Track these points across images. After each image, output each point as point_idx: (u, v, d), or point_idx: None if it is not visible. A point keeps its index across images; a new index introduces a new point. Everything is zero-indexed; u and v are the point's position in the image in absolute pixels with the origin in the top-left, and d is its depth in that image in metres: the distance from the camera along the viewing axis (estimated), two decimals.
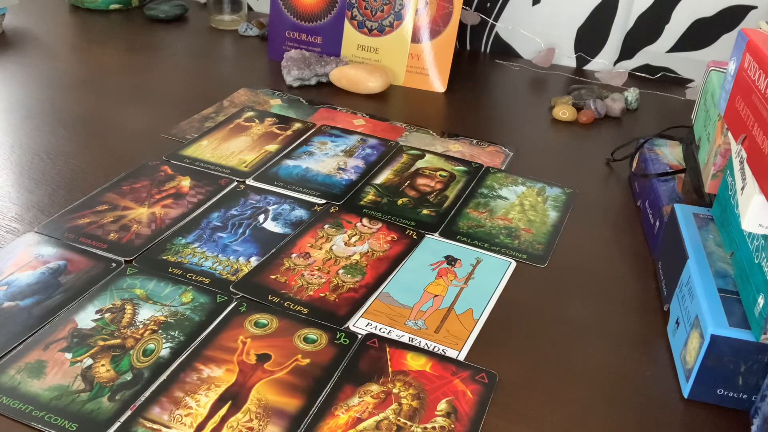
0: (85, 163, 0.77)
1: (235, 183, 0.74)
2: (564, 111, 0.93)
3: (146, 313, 0.57)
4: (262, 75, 1.02)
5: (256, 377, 0.51)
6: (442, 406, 0.50)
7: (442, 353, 0.55)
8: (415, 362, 0.54)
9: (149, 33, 1.15)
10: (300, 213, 0.70)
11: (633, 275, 0.66)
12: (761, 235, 0.50)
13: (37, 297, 0.57)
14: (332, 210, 0.71)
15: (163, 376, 0.51)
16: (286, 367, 0.52)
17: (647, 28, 1.05)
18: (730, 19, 1.01)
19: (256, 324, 0.56)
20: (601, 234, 0.71)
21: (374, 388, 0.51)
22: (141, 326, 0.55)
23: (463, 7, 1.00)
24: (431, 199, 0.74)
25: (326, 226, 0.68)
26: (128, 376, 0.51)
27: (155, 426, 0.47)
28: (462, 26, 1.12)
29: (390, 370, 0.53)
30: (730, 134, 0.58)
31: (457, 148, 0.85)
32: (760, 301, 0.48)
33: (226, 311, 0.57)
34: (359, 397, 0.50)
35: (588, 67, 1.10)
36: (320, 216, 0.70)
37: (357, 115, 0.91)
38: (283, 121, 0.88)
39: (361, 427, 0.48)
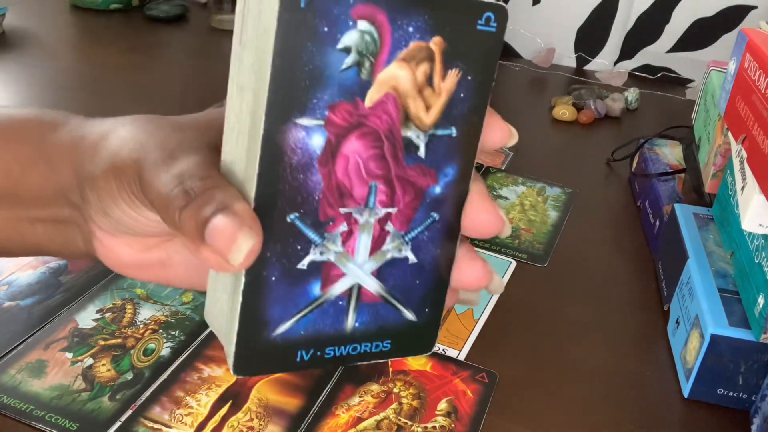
0: None
1: None
2: (564, 111, 0.93)
3: (147, 312, 0.57)
4: None
5: (257, 377, 0.51)
6: (443, 405, 0.50)
7: (443, 353, 0.55)
8: (415, 362, 0.54)
9: (149, 33, 1.15)
10: None
11: (633, 275, 0.66)
12: (761, 235, 0.50)
13: (38, 296, 0.57)
14: None
15: (164, 376, 0.51)
16: None
17: (647, 28, 1.05)
18: (730, 19, 1.01)
19: None
20: (601, 234, 0.72)
21: (374, 387, 0.51)
22: (141, 326, 0.55)
23: None
24: None
25: None
26: (129, 376, 0.51)
27: (156, 425, 0.47)
28: None
29: (390, 369, 0.53)
30: (730, 134, 0.58)
31: None
32: (760, 300, 0.48)
33: None
34: (359, 397, 0.50)
35: (588, 67, 1.10)
36: None
37: None
38: None
39: (361, 426, 0.48)
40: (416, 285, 0.30)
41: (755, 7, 0.99)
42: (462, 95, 0.28)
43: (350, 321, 0.29)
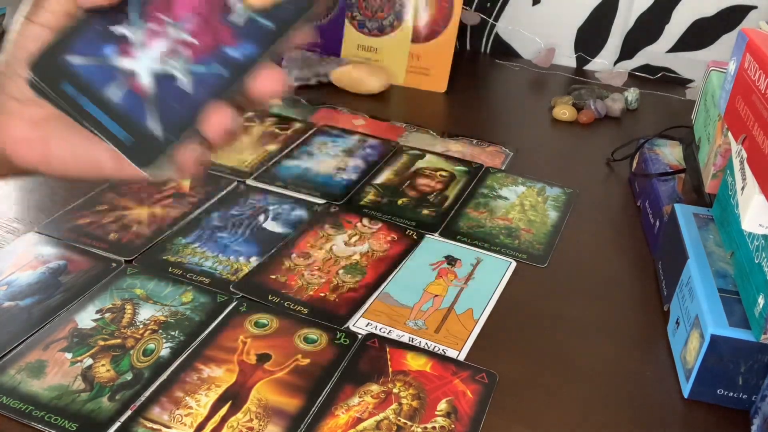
0: None
1: (236, 183, 0.74)
2: (564, 111, 0.93)
3: (146, 313, 0.57)
4: None
5: (257, 377, 0.51)
6: (442, 406, 0.50)
7: (442, 353, 0.55)
8: (415, 362, 0.54)
9: None
10: (300, 213, 0.70)
11: (633, 275, 0.66)
12: (761, 235, 0.50)
13: (38, 297, 0.57)
14: (332, 210, 0.71)
15: (164, 376, 0.51)
16: (286, 367, 0.52)
17: (647, 28, 1.05)
18: (730, 19, 1.01)
19: (256, 324, 0.56)
20: (601, 234, 0.71)
21: (374, 388, 0.51)
22: (141, 326, 0.55)
23: (463, 7, 1.00)
24: (431, 199, 0.74)
25: (326, 226, 0.68)
26: (128, 376, 0.51)
27: (155, 426, 0.47)
28: (462, 26, 1.12)
29: (390, 370, 0.53)
30: (730, 134, 0.58)
31: (457, 148, 0.85)
32: (760, 300, 0.48)
33: (226, 311, 0.57)
34: (359, 397, 0.50)
35: (588, 67, 1.10)
36: (320, 216, 0.70)
37: (357, 115, 0.91)
38: (283, 121, 0.88)
39: (361, 427, 0.48)
40: (176, 108, 0.36)
41: (755, 7, 0.99)
42: (287, 10, 0.36)
43: (114, 93, 0.36)
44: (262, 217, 0.69)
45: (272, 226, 0.68)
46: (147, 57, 0.36)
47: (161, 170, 0.36)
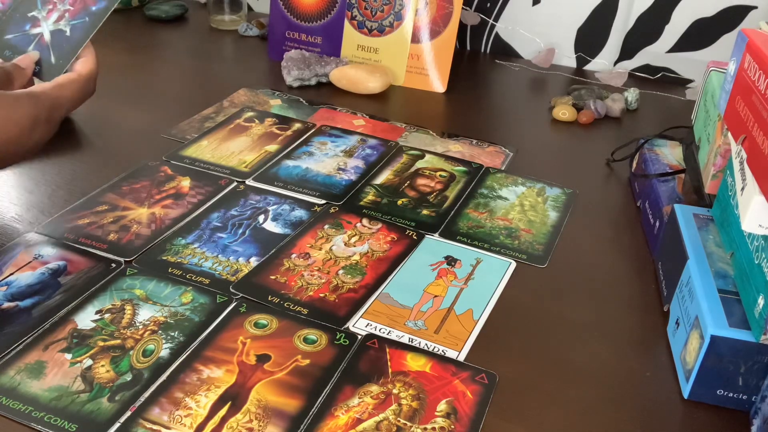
0: (85, 163, 0.77)
1: (235, 183, 0.74)
2: (564, 111, 0.93)
3: (146, 313, 0.57)
4: (262, 75, 1.02)
5: (256, 378, 0.51)
6: (442, 406, 0.50)
7: (442, 354, 0.55)
8: (414, 363, 0.54)
9: (149, 33, 1.15)
10: (300, 213, 0.70)
11: (633, 275, 0.66)
12: (761, 236, 0.50)
13: (37, 297, 0.57)
14: (332, 210, 0.71)
15: (163, 377, 0.51)
16: (285, 368, 0.52)
17: (647, 29, 1.05)
18: (730, 19, 1.01)
19: (256, 324, 0.56)
20: (601, 234, 0.71)
21: (374, 388, 0.51)
22: (141, 327, 0.55)
23: (463, 7, 1.00)
24: (431, 200, 0.74)
25: (326, 227, 0.68)
26: (128, 377, 0.51)
27: (155, 426, 0.47)
28: (462, 26, 1.12)
29: (390, 370, 0.53)
30: (730, 135, 0.58)
31: (457, 148, 0.85)
32: (760, 301, 0.48)
33: (225, 312, 0.57)
34: (359, 398, 0.50)
35: (588, 67, 1.10)
36: (320, 216, 0.70)
37: (357, 115, 0.91)
38: (283, 121, 0.88)
39: (360, 427, 0.48)
40: (64, 46, 0.68)
41: (755, 7, 0.99)
42: None
43: (31, 47, 0.71)
44: (261, 218, 0.69)
45: (272, 226, 0.68)
46: (47, 24, 0.68)
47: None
